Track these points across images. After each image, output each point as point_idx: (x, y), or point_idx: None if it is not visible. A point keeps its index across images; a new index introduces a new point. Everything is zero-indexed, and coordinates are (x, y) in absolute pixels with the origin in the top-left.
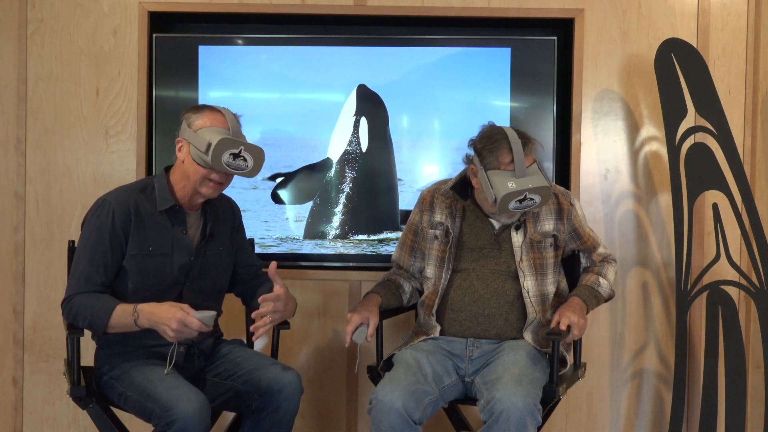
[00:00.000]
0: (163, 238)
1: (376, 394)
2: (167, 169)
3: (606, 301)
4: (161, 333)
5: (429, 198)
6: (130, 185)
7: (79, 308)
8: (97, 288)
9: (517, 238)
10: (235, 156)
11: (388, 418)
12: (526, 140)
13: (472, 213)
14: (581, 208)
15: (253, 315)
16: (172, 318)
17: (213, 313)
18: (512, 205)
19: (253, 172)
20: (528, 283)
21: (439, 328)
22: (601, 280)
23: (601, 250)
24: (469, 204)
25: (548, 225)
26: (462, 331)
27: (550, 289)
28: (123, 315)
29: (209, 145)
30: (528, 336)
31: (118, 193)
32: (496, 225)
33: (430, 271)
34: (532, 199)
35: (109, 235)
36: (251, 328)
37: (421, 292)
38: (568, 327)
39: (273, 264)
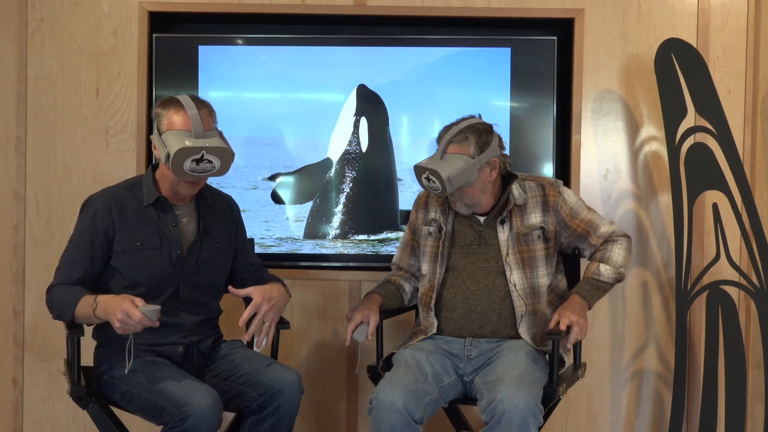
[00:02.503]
0: (150, 232)
1: (376, 393)
2: (155, 168)
3: (616, 283)
4: (112, 324)
5: (424, 197)
6: (118, 184)
7: (54, 299)
8: (73, 282)
9: (503, 233)
10: (198, 161)
11: (388, 417)
12: (455, 129)
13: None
14: (574, 195)
15: (246, 338)
16: (118, 308)
17: (157, 307)
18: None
19: (221, 171)
20: (514, 278)
21: (436, 323)
22: (602, 267)
23: (603, 230)
24: None
25: (535, 218)
26: (458, 329)
27: (542, 281)
28: (85, 305)
29: (167, 155)
30: (524, 332)
31: (103, 192)
32: (482, 221)
33: (425, 267)
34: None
35: (89, 233)
36: (246, 338)
37: None
38: (568, 327)
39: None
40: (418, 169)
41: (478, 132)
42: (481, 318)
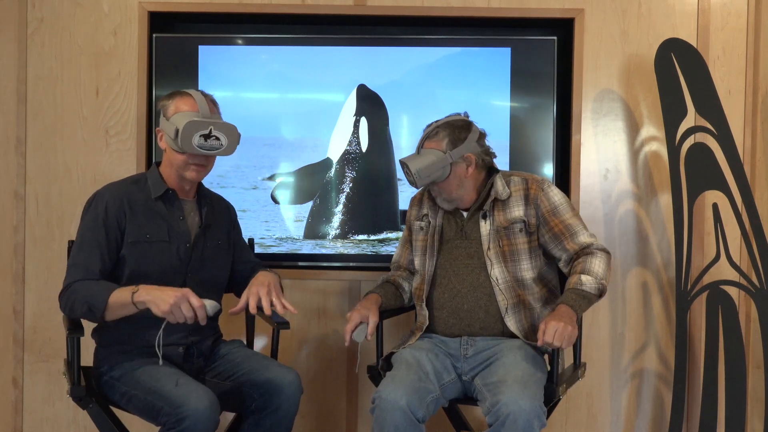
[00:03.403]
0: (159, 226)
1: (379, 393)
2: (158, 164)
3: (599, 296)
4: (155, 306)
5: (419, 195)
6: (122, 180)
7: (78, 295)
8: (96, 276)
9: (484, 227)
10: (206, 137)
11: (392, 417)
12: (433, 126)
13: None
14: (562, 196)
15: (267, 312)
16: (177, 290)
17: (219, 306)
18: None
19: (228, 150)
20: (495, 272)
21: (427, 314)
22: (583, 277)
23: (581, 239)
24: None
25: (517, 211)
26: (448, 328)
27: (527, 275)
28: (123, 291)
29: (177, 131)
30: (512, 325)
31: (110, 187)
32: (465, 215)
33: (417, 261)
34: (218, 138)
35: (103, 225)
36: (266, 312)
37: None
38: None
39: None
40: (401, 163)
41: (452, 128)
42: (469, 316)
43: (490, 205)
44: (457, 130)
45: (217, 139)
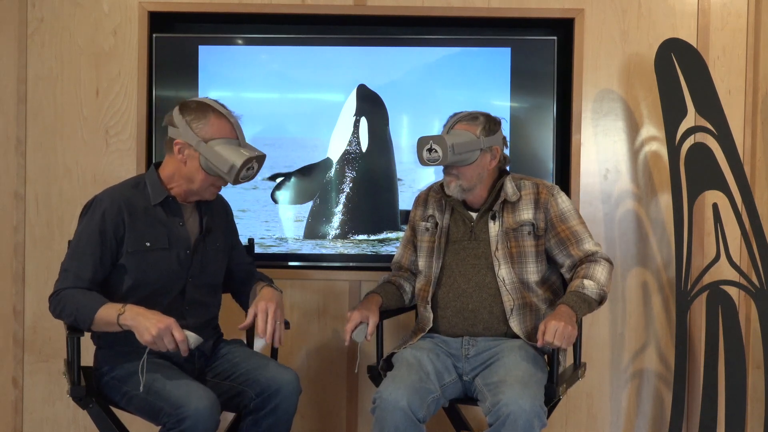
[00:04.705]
0: (159, 233)
1: (380, 393)
2: (157, 166)
3: (600, 302)
4: (138, 334)
5: (424, 195)
6: (122, 183)
7: (66, 303)
8: (85, 285)
9: (493, 228)
10: (248, 168)
11: (392, 417)
12: (467, 112)
13: (456, 208)
14: (570, 203)
15: (267, 340)
16: (161, 320)
17: (202, 340)
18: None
19: (255, 175)
20: (502, 272)
21: (432, 316)
22: (586, 282)
23: (586, 246)
24: (453, 199)
25: (526, 213)
26: (451, 328)
27: (532, 277)
28: (110, 310)
29: (232, 166)
30: (515, 326)
31: (109, 192)
32: (474, 216)
33: (421, 262)
34: (253, 167)
35: (99, 233)
36: (267, 340)
37: None
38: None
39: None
40: (422, 141)
41: (488, 118)
42: (473, 316)
43: (500, 206)
44: (492, 121)
45: (253, 168)
